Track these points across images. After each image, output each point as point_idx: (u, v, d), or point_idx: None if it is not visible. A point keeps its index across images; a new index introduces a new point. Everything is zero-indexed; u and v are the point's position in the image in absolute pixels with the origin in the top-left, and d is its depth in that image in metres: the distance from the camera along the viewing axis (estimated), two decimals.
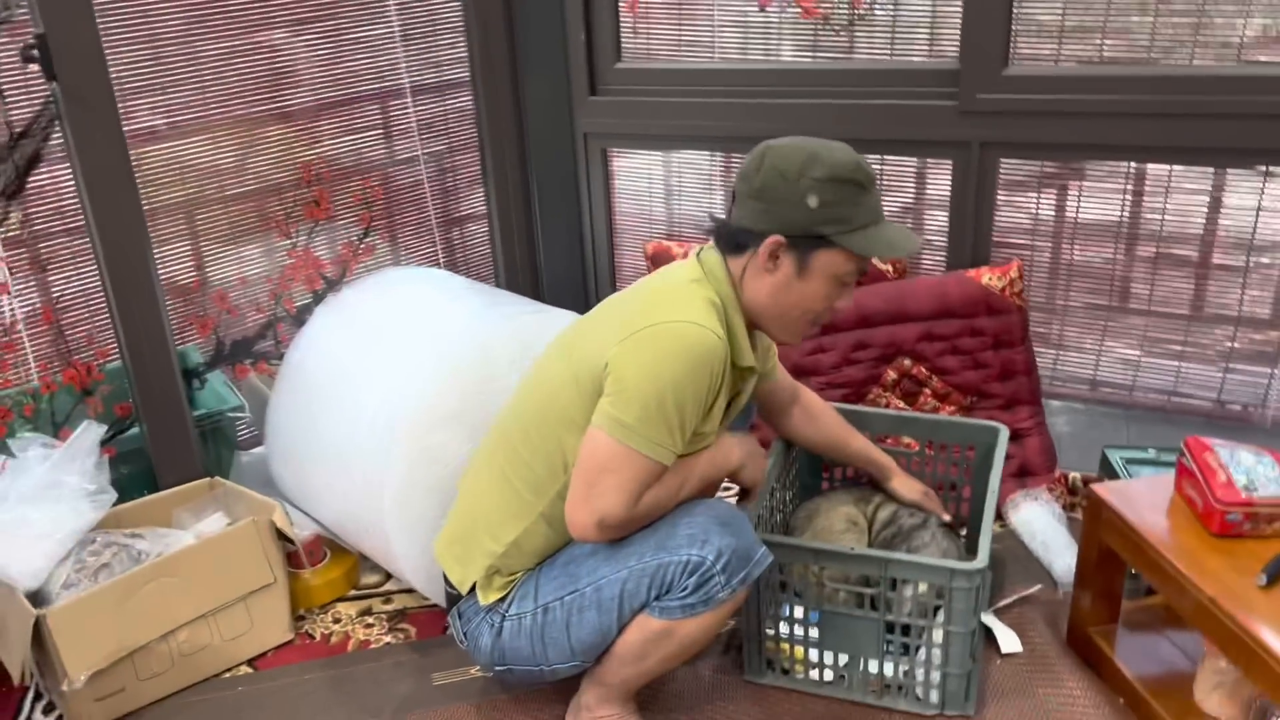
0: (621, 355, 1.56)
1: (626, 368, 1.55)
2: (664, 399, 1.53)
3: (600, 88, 2.80)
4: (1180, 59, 2.30)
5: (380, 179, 2.70)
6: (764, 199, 1.58)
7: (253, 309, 2.53)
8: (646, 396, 1.52)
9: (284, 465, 2.34)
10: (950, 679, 1.81)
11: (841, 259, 1.60)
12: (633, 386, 1.53)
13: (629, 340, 1.56)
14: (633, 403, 1.53)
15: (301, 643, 2.16)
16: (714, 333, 1.56)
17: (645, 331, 1.55)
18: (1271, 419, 2.52)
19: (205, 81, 2.35)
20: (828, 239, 1.58)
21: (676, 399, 1.54)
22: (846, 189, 1.56)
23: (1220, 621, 1.54)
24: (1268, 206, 2.37)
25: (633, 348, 1.55)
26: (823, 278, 1.61)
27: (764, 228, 1.59)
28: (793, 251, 1.59)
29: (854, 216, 1.58)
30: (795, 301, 1.63)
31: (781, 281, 1.62)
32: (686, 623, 1.61)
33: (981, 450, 2.14)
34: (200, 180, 2.39)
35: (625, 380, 1.54)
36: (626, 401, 1.53)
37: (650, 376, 1.53)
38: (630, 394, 1.53)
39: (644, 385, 1.53)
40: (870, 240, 1.59)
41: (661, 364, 1.53)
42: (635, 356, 1.55)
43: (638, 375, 1.54)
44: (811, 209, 1.56)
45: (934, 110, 2.46)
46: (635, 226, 3.02)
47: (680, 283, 1.65)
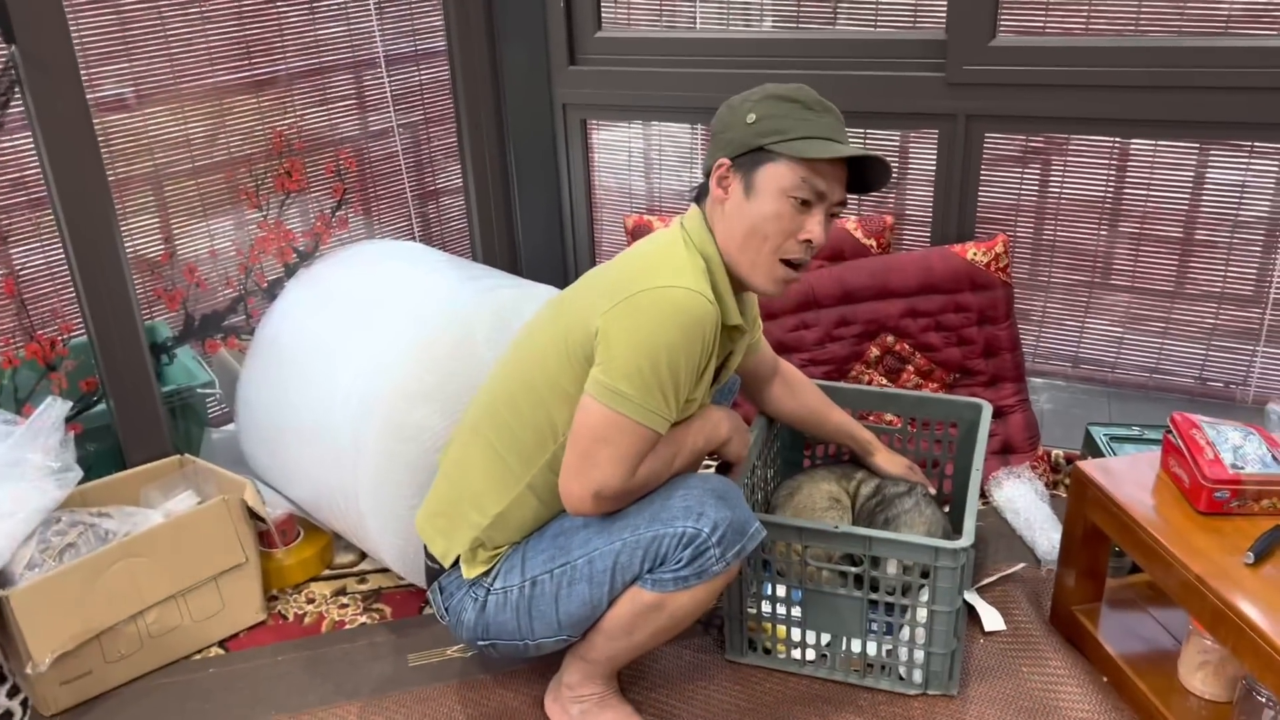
0: (612, 322, 1.52)
1: (617, 334, 1.51)
2: (658, 365, 1.50)
3: (580, 57, 2.75)
4: (1168, 31, 2.28)
5: (354, 151, 2.64)
6: (716, 133, 1.62)
7: (223, 282, 2.47)
8: (640, 363, 1.50)
9: (256, 442, 2.29)
10: (933, 658, 1.79)
11: (785, 170, 1.56)
12: (625, 353, 1.50)
13: (619, 306, 1.52)
14: (627, 370, 1.50)
15: (274, 623, 2.12)
16: (705, 297, 1.53)
17: (636, 297, 1.52)
18: (1254, 396, 2.52)
19: (173, 49, 2.28)
20: (765, 149, 1.56)
21: (670, 365, 1.51)
22: (786, 105, 1.57)
23: (1207, 600, 1.53)
24: (1251, 183, 2.35)
25: (623, 314, 1.52)
26: (771, 195, 1.57)
27: (713, 158, 1.61)
28: (739, 172, 1.59)
29: (794, 128, 1.56)
30: (751, 226, 1.59)
31: (734, 205, 1.60)
32: (678, 595, 1.59)
33: (964, 427, 2.12)
34: (168, 151, 2.32)
35: (617, 347, 1.51)
36: (620, 369, 1.50)
37: (643, 343, 1.50)
38: (623, 361, 1.50)
39: (637, 352, 1.50)
40: (808, 145, 1.55)
41: (654, 330, 1.50)
42: (626, 322, 1.52)
43: (630, 342, 1.50)
44: (749, 124, 1.57)
45: (919, 82, 2.42)
46: (615, 200, 2.98)
47: (667, 248, 1.62)
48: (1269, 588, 1.50)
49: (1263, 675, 1.44)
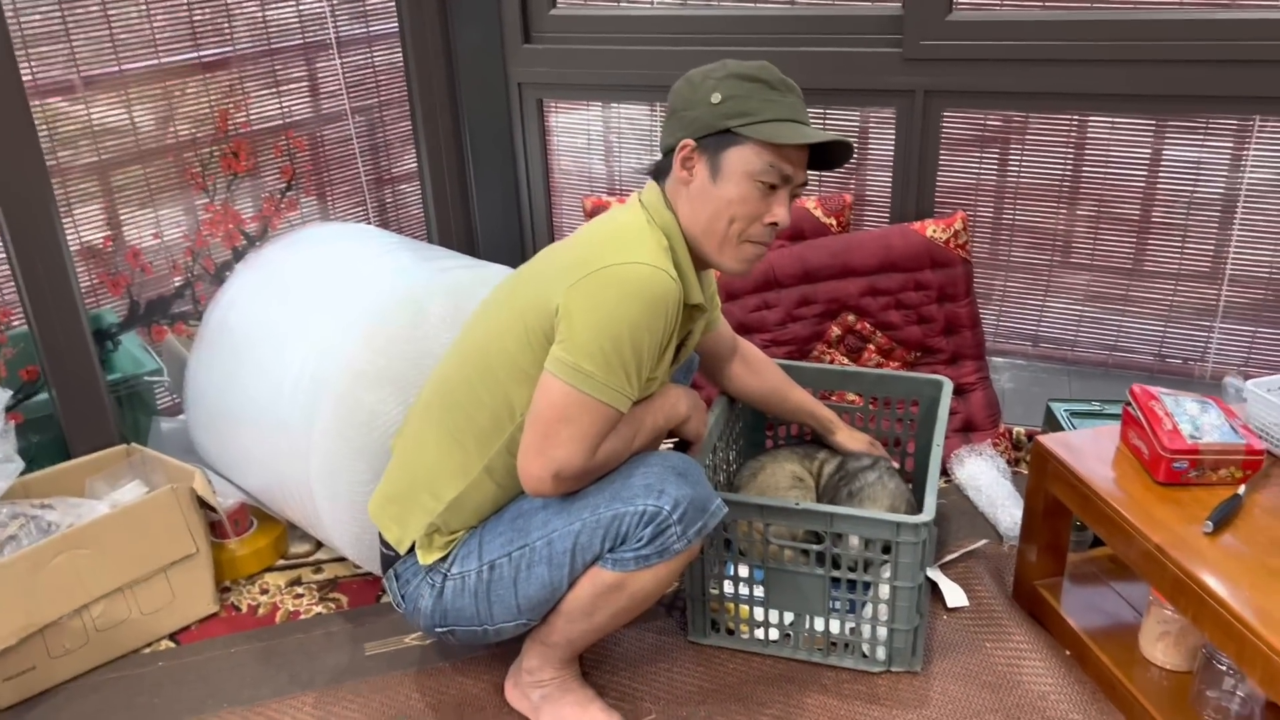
0: (573, 299, 1.49)
1: (579, 312, 1.48)
2: (620, 343, 1.47)
3: (534, 35, 2.70)
4: (1123, 4, 2.28)
5: (306, 135, 2.58)
6: (675, 109, 1.59)
7: (169, 267, 2.40)
8: (603, 341, 1.47)
9: (205, 431, 2.24)
10: (896, 635, 1.78)
11: (752, 154, 1.54)
12: (588, 331, 1.47)
13: (581, 283, 1.49)
14: (589, 348, 1.47)
15: (227, 615, 2.07)
16: (668, 274, 1.50)
17: (597, 274, 1.49)
18: (1211, 372, 2.53)
19: (116, 30, 2.21)
20: (732, 132, 1.54)
21: (634, 343, 1.48)
22: (751, 85, 1.54)
23: (1167, 569, 1.52)
24: (1206, 161, 2.36)
25: (585, 291, 1.49)
26: (738, 178, 1.55)
27: (675, 138, 1.57)
28: (704, 154, 1.56)
29: (760, 110, 1.54)
30: (717, 210, 1.57)
31: (699, 188, 1.58)
32: (639, 574, 1.56)
33: (925, 405, 2.11)
34: (110, 134, 2.26)
35: (579, 324, 1.48)
36: (582, 347, 1.47)
37: (606, 320, 1.47)
38: (586, 339, 1.47)
39: (599, 329, 1.47)
40: (776, 130, 1.53)
41: (617, 307, 1.47)
42: (588, 300, 1.48)
43: (592, 319, 1.47)
44: (714, 104, 1.54)
45: (877, 58, 2.40)
46: (574, 184, 2.94)
47: (628, 225, 1.59)
48: (1227, 556, 1.50)
49: (1222, 643, 1.43)
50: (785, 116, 1.55)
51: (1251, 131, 2.32)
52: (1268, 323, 2.44)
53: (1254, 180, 2.35)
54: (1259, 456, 1.66)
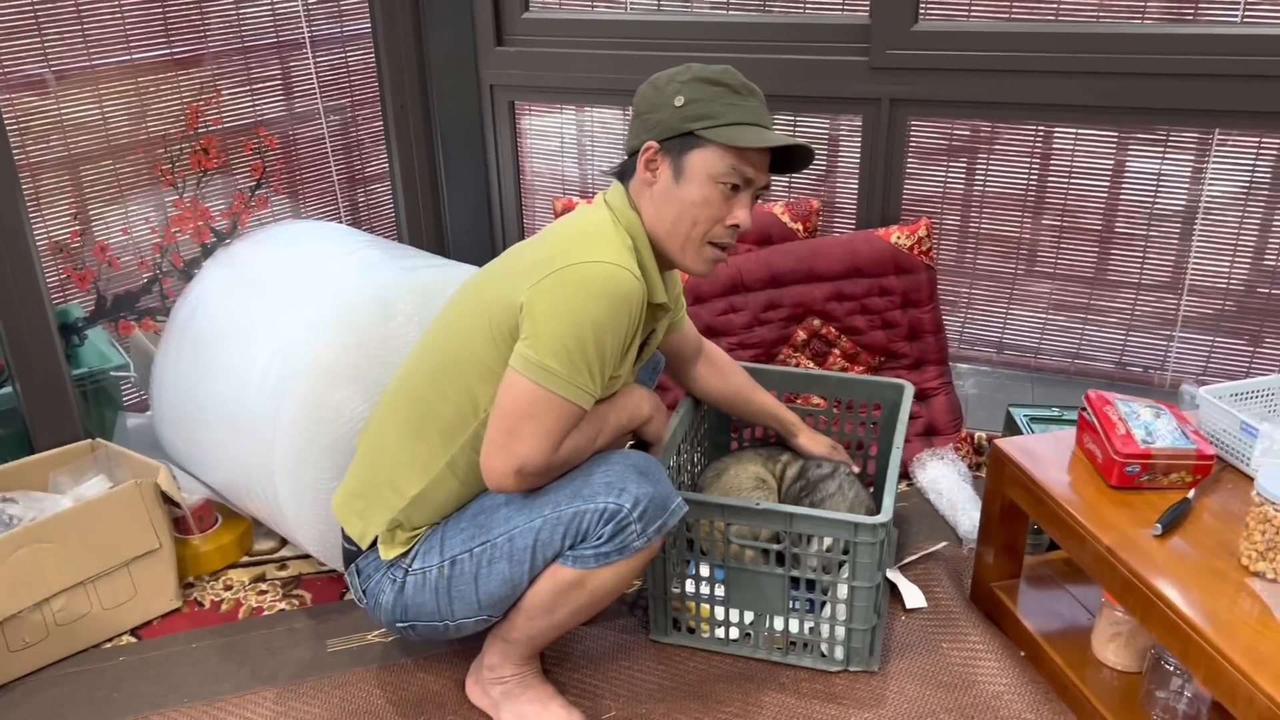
0: (537, 297, 1.50)
1: (543, 310, 1.50)
2: (584, 341, 1.49)
3: (507, 38, 2.72)
4: (1087, 17, 2.32)
5: (279, 134, 2.59)
6: (640, 112, 1.60)
7: (136, 262, 2.40)
8: (566, 339, 1.48)
9: (171, 427, 2.24)
10: (855, 634, 1.80)
11: (715, 157, 1.56)
12: (552, 329, 1.49)
13: (545, 281, 1.50)
14: (553, 345, 1.48)
15: (190, 611, 2.07)
16: (632, 273, 1.52)
17: (561, 272, 1.50)
18: (1171, 380, 2.57)
19: (87, 25, 2.21)
20: (695, 135, 1.56)
21: (597, 341, 1.50)
22: (714, 89, 1.56)
23: (1117, 571, 1.55)
24: (1167, 174, 2.41)
25: (549, 289, 1.50)
26: (701, 180, 1.57)
27: (639, 139, 1.60)
28: (667, 155, 1.58)
29: (723, 114, 1.56)
30: (681, 211, 1.59)
31: (662, 190, 1.60)
32: (600, 572, 1.58)
33: (888, 408, 2.13)
34: (80, 129, 2.25)
35: (543, 322, 1.49)
36: (546, 344, 1.48)
37: (570, 318, 1.48)
38: (550, 336, 1.48)
39: (563, 327, 1.48)
40: (739, 133, 1.56)
41: (582, 305, 1.49)
42: (552, 298, 1.50)
43: (556, 317, 1.49)
44: (678, 107, 1.56)
45: (845, 66, 2.43)
46: (546, 186, 2.96)
47: (592, 224, 1.61)
48: (1175, 559, 1.53)
49: (1169, 643, 1.46)
50: (748, 120, 1.57)
51: (1211, 145, 2.37)
52: (1226, 332, 2.49)
53: (1213, 192, 2.39)
54: (1209, 461, 1.70)
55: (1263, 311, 2.44)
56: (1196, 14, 2.25)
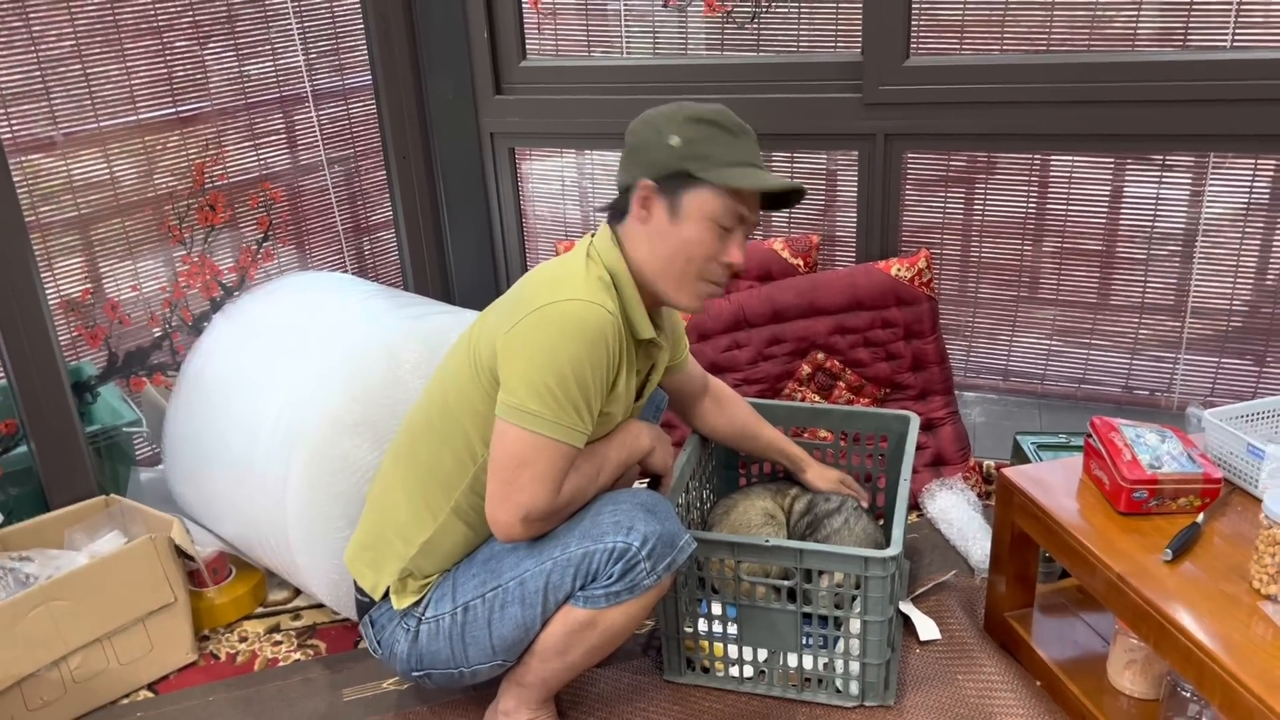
0: (510, 343, 1.53)
1: (517, 355, 1.52)
2: (564, 379, 1.50)
3: (505, 86, 2.76)
4: (1077, 49, 2.34)
5: (283, 186, 2.62)
6: (633, 150, 1.62)
7: (146, 318, 2.43)
8: (546, 379, 1.49)
9: (184, 480, 2.25)
10: (869, 669, 1.80)
11: (711, 197, 1.58)
12: (527, 372, 1.50)
13: (517, 327, 1.53)
14: (532, 389, 1.50)
15: (206, 664, 2.07)
16: (600, 305, 1.53)
17: (531, 315, 1.52)
18: (1178, 402, 2.57)
19: (94, 87, 2.25)
20: (692, 175, 1.57)
21: (577, 377, 1.51)
22: (710, 129, 1.58)
23: (1129, 598, 1.55)
24: (1165, 196, 2.42)
25: (520, 335, 1.52)
26: (696, 220, 1.59)
27: (633, 177, 1.60)
28: (662, 195, 1.59)
29: (718, 155, 1.58)
30: (675, 249, 1.60)
31: (656, 229, 1.60)
32: (610, 611, 1.58)
33: (894, 440, 2.14)
34: (89, 189, 2.29)
35: (518, 368, 1.51)
36: (525, 389, 1.50)
37: (544, 359, 1.50)
38: (526, 380, 1.50)
39: (541, 369, 1.50)
40: (735, 175, 1.58)
41: (554, 345, 1.50)
42: (524, 343, 1.52)
43: (530, 360, 1.51)
44: (673, 147, 1.57)
45: (839, 103, 2.46)
46: (549, 228, 2.99)
47: (566, 266, 1.62)
48: (1186, 584, 1.53)
49: (1184, 670, 1.46)
50: (742, 160, 1.59)
51: (1207, 168, 2.39)
52: (1231, 353, 2.49)
53: (1211, 214, 2.41)
54: (1216, 485, 1.70)
55: (1267, 332, 2.44)
56: (1186, 41, 2.27)
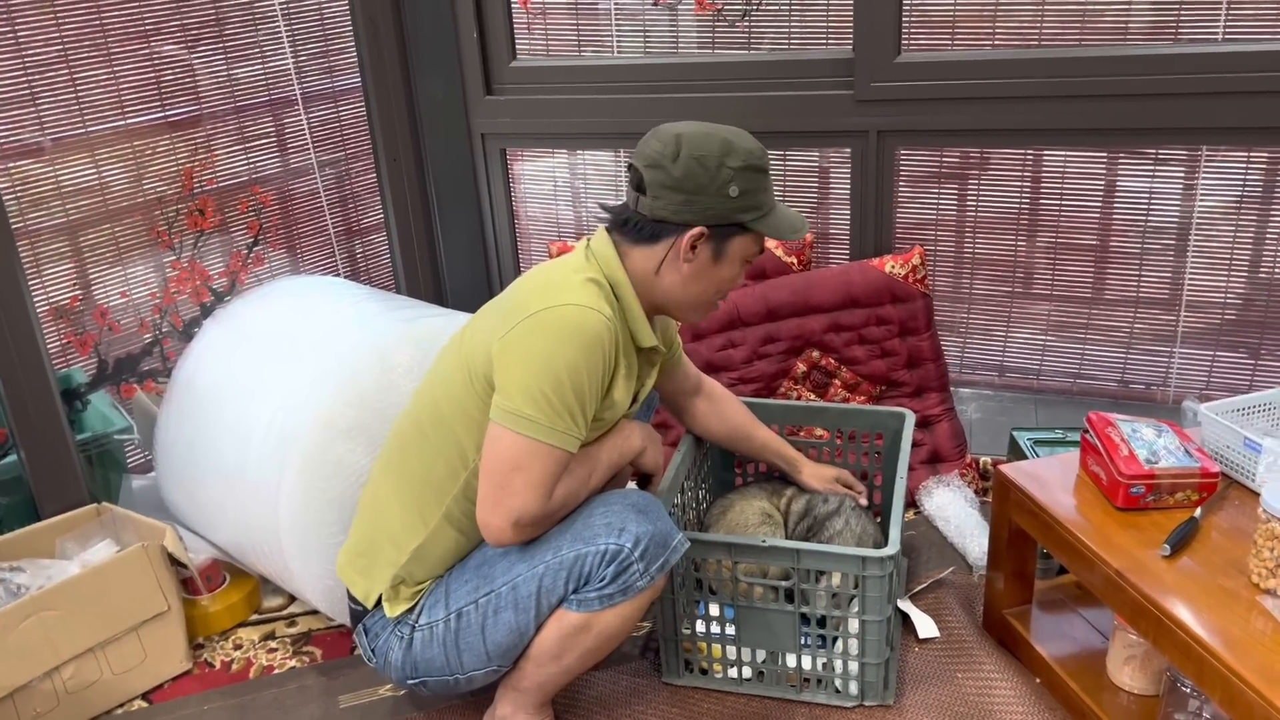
0: (506, 347, 1.52)
1: (514, 359, 1.51)
2: (560, 384, 1.49)
3: (496, 87, 2.75)
4: (1069, 42, 2.34)
5: (274, 190, 2.61)
6: (684, 189, 1.56)
7: (136, 324, 2.42)
8: (542, 385, 1.49)
9: (176, 487, 2.24)
10: (868, 668, 1.79)
11: (751, 242, 1.64)
12: (525, 377, 1.50)
13: (513, 331, 1.52)
14: (530, 393, 1.49)
15: (200, 672, 2.06)
16: (598, 311, 1.53)
17: (527, 321, 1.52)
18: (1174, 396, 2.57)
19: (81, 92, 2.24)
20: (744, 225, 1.60)
21: (574, 382, 1.50)
22: (758, 176, 1.59)
23: (1127, 594, 1.54)
24: (1158, 190, 2.42)
25: (516, 339, 1.52)
26: (736, 261, 1.64)
27: (686, 219, 1.58)
28: (712, 241, 1.60)
29: (765, 203, 1.61)
30: (708, 285, 1.65)
31: (699, 269, 1.62)
32: (604, 614, 1.57)
33: (890, 437, 2.13)
34: (78, 194, 2.28)
35: (516, 371, 1.51)
36: (521, 393, 1.49)
37: (542, 364, 1.49)
38: (524, 385, 1.49)
39: (537, 374, 1.49)
40: (778, 223, 1.62)
41: (552, 350, 1.50)
42: (520, 347, 1.51)
43: (528, 365, 1.50)
44: (733, 198, 1.57)
45: (831, 100, 2.45)
46: (542, 229, 2.98)
47: (562, 270, 1.62)
48: (1185, 579, 1.53)
49: (1183, 665, 1.45)
50: (774, 203, 1.63)
51: (1200, 161, 2.38)
52: (1225, 346, 2.49)
53: (1204, 207, 2.40)
54: (1214, 479, 1.69)
55: (1261, 324, 2.44)
56: (1178, 35, 2.27)
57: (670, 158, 1.55)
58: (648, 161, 1.57)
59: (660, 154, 1.56)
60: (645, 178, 1.57)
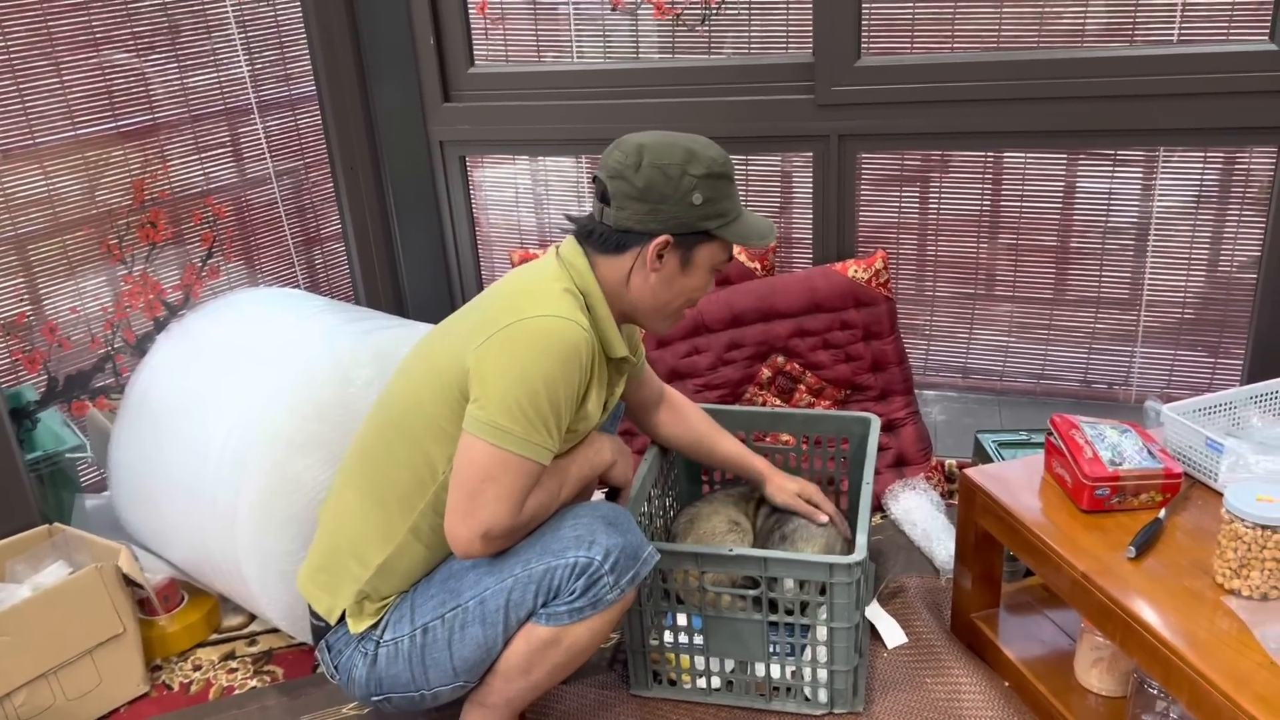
0: (484, 356, 1.49)
1: (492, 368, 1.49)
2: (536, 397, 1.47)
3: (454, 93, 2.72)
4: (1028, 45, 2.35)
5: (230, 200, 2.57)
6: (648, 199, 1.56)
7: (87, 340, 2.36)
8: (518, 396, 1.47)
9: (131, 506, 2.19)
10: (837, 676, 1.78)
11: (719, 249, 1.64)
12: (502, 387, 1.47)
13: (490, 341, 1.50)
14: (505, 404, 1.46)
15: (158, 695, 2.01)
16: (578, 324, 1.52)
17: (507, 330, 1.50)
18: (1135, 395, 2.58)
19: (29, 102, 2.19)
20: (710, 233, 1.60)
21: (549, 395, 1.48)
22: (722, 183, 1.59)
23: (1093, 596, 1.54)
24: (1118, 191, 2.43)
25: (495, 348, 1.49)
26: (704, 269, 1.64)
27: (651, 228, 1.58)
28: (678, 250, 1.60)
29: (730, 209, 1.61)
30: (677, 294, 1.65)
31: (666, 277, 1.62)
32: (574, 628, 1.55)
33: (855, 442, 2.12)
34: (25, 206, 2.22)
35: (493, 381, 1.48)
36: (498, 403, 1.47)
37: (520, 375, 1.47)
38: (500, 395, 1.47)
39: (515, 385, 1.47)
40: (745, 229, 1.62)
41: (531, 361, 1.48)
42: (499, 357, 1.49)
43: (506, 375, 1.48)
44: (696, 205, 1.57)
45: (792, 104, 2.45)
46: (504, 237, 2.95)
47: (539, 279, 1.60)
48: (1150, 580, 1.53)
49: (1149, 667, 1.45)
50: (739, 210, 1.63)
51: (1157, 162, 2.40)
52: (1185, 345, 2.51)
53: (1163, 207, 2.42)
54: (1177, 480, 1.70)
55: (1220, 323, 2.46)
56: (1134, 37, 2.28)
57: (633, 168, 1.55)
58: (611, 173, 1.57)
59: (623, 164, 1.56)
60: (609, 189, 1.57)
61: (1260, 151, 2.31)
